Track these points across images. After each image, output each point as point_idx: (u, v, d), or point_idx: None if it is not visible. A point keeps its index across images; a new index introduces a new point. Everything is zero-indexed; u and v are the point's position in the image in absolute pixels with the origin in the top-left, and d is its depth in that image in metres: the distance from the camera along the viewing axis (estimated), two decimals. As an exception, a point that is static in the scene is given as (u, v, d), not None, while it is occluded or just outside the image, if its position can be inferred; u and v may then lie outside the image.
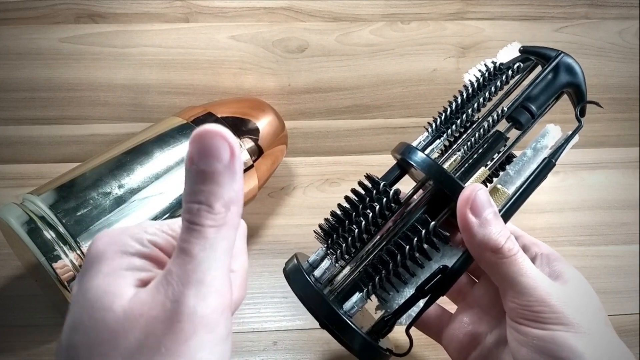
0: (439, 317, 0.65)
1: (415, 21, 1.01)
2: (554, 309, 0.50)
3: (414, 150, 0.59)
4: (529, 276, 0.51)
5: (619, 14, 1.03)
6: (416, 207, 0.59)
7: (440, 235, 0.55)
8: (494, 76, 0.64)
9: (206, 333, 0.35)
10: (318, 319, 0.56)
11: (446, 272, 0.56)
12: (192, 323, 0.34)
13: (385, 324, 0.58)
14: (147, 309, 0.34)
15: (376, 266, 0.57)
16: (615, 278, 0.89)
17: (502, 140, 0.62)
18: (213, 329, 0.35)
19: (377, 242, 0.59)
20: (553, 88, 0.62)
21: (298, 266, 0.60)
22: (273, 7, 0.97)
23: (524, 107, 0.61)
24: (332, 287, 0.60)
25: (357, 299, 0.57)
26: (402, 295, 0.58)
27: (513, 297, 0.52)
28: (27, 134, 1.03)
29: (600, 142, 1.15)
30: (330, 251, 0.61)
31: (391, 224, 0.59)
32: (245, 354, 0.76)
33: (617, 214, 1.01)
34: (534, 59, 0.66)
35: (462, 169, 0.61)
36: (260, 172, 0.87)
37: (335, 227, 0.60)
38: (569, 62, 0.63)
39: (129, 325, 0.34)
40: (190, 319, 0.34)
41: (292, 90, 1.05)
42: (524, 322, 0.51)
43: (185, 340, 0.34)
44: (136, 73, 1.00)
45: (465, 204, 0.53)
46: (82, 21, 0.95)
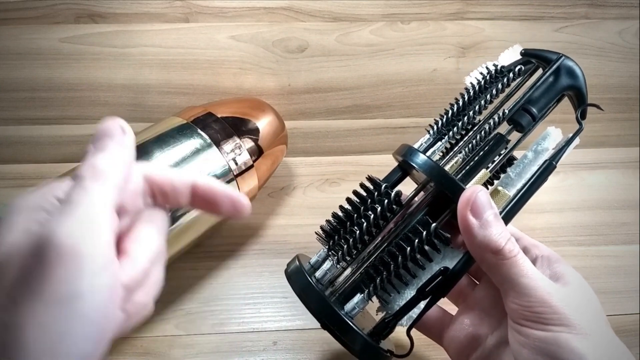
0: (439, 319, 0.65)
1: (415, 21, 1.01)
2: (555, 310, 0.50)
3: (415, 152, 0.59)
4: (530, 277, 0.52)
5: (619, 14, 1.03)
6: (417, 209, 0.59)
7: (441, 237, 0.56)
8: (495, 79, 0.64)
9: (73, 262, 0.35)
10: (319, 320, 0.56)
11: (447, 273, 0.56)
12: (57, 253, 0.35)
13: (386, 325, 0.58)
14: (23, 249, 0.36)
15: (377, 267, 0.58)
16: (615, 278, 0.89)
17: (503, 143, 0.62)
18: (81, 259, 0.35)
19: (379, 244, 0.59)
20: (554, 91, 0.62)
21: (300, 267, 0.60)
22: (273, 7, 0.97)
23: (525, 110, 0.61)
24: (333, 289, 0.60)
25: (359, 300, 0.57)
26: (403, 297, 0.59)
27: (514, 298, 0.52)
28: (27, 134, 1.03)
29: (600, 142, 1.15)
30: (331, 252, 0.61)
31: (392, 226, 0.60)
32: (245, 354, 0.76)
33: (617, 214, 1.01)
34: (535, 62, 0.67)
35: (463, 171, 0.61)
36: (260, 172, 0.87)
37: (337, 228, 0.61)
38: (569, 65, 0.63)
39: (7, 264, 0.36)
40: (56, 249, 0.35)
41: (292, 90, 1.05)
42: (526, 323, 0.51)
43: (51, 269, 0.35)
44: (136, 73, 1.00)
45: (465, 206, 0.53)
46: (82, 21, 0.95)
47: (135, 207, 0.45)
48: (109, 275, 0.37)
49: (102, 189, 0.38)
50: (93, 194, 0.38)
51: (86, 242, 0.36)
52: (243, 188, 0.83)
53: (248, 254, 0.90)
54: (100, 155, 0.40)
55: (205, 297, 0.83)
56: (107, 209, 0.38)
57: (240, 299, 0.83)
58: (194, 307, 0.81)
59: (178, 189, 0.47)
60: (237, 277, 0.86)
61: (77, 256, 0.35)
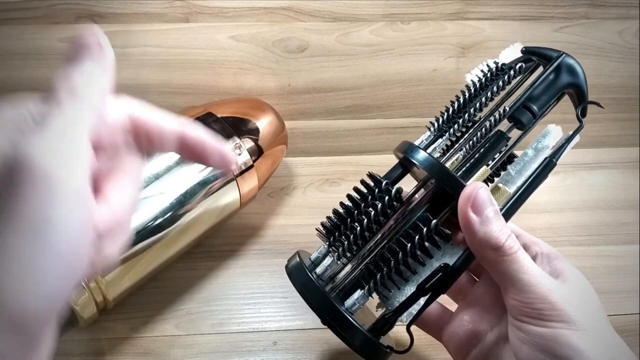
0: (439, 316, 0.65)
1: (415, 21, 1.01)
2: (555, 307, 0.50)
3: (416, 149, 0.59)
4: (530, 273, 0.52)
5: (619, 14, 1.04)
6: (418, 206, 0.60)
7: (441, 234, 0.56)
8: (496, 76, 0.64)
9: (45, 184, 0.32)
10: (320, 315, 0.56)
11: (447, 270, 0.56)
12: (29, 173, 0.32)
13: (386, 321, 0.58)
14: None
15: (378, 264, 0.58)
16: (615, 278, 0.89)
17: (503, 140, 0.63)
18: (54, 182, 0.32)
19: (379, 240, 0.60)
20: (554, 88, 0.62)
21: (300, 263, 0.60)
22: (273, 7, 0.97)
23: (525, 107, 0.62)
24: (333, 285, 0.60)
25: (359, 297, 0.57)
26: (403, 293, 0.59)
27: (514, 295, 0.52)
28: (27, 134, 1.03)
29: (600, 142, 1.15)
30: (332, 249, 0.61)
31: (393, 222, 0.60)
32: (245, 354, 0.76)
33: (617, 214, 1.01)
34: (535, 60, 0.67)
35: (464, 168, 0.61)
36: (260, 172, 0.87)
37: (338, 225, 0.61)
38: (570, 62, 0.63)
39: None
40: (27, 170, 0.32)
41: (292, 90, 1.05)
42: (526, 319, 0.51)
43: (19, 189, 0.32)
44: (136, 73, 1.00)
45: (466, 202, 0.53)
46: (82, 21, 0.95)
47: (114, 144, 0.40)
48: (82, 207, 0.34)
49: (78, 110, 0.35)
50: (69, 114, 0.34)
51: (61, 166, 0.33)
52: (243, 188, 0.83)
53: (248, 254, 0.90)
54: (77, 71, 0.36)
55: (205, 297, 0.83)
56: (84, 134, 0.35)
57: (240, 299, 0.83)
58: (194, 307, 0.81)
59: (166, 133, 0.42)
60: (237, 277, 0.86)
61: (50, 180, 0.32)
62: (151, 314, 0.80)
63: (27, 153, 0.32)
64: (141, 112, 0.41)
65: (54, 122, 0.34)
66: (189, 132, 0.43)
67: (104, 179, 0.40)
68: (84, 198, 0.34)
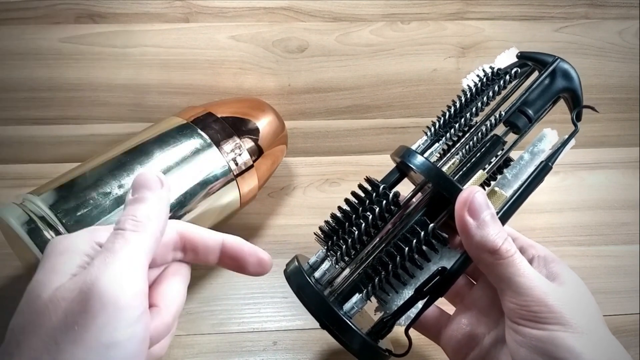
0: (437, 319, 0.65)
1: (415, 21, 1.01)
2: (552, 309, 0.50)
3: (413, 154, 0.59)
4: (526, 276, 0.52)
5: (619, 14, 1.03)
6: (415, 210, 0.60)
7: (439, 237, 0.56)
8: (491, 81, 0.64)
9: (114, 312, 0.37)
10: (318, 319, 0.57)
11: (444, 273, 0.57)
12: (101, 302, 0.37)
13: (385, 324, 0.58)
14: (68, 294, 0.38)
15: (376, 268, 0.58)
16: (615, 278, 0.89)
17: (499, 144, 0.63)
18: (121, 309, 0.38)
19: (377, 244, 0.60)
20: (550, 93, 0.62)
21: (299, 268, 0.60)
22: (273, 7, 0.97)
23: (521, 112, 0.62)
24: (332, 289, 0.60)
25: (357, 300, 0.57)
26: (401, 297, 0.59)
27: (511, 298, 0.52)
28: (27, 134, 1.03)
29: (600, 142, 1.15)
30: (330, 253, 0.61)
31: (390, 226, 0.60)
32: (245, 354, 0.76)
33: (617, 214, 1.02)
34: (531, 64, 0.67)
35: (461, 172, 0.61)
36: (260, 172, 0.87)
37: (335, 229, 0.61)
38: (565, 67, 0.63)
39: (53, 308, 0.38)
40: (99, 299, 0.37)
41: (292, 90, 1.05)
42: (523, 322, 0.51)
43: (94, 317, 0.37)
44: (136, 73, 1.00)
45: (463, 206, 0.54)
46: (82, 21, 0.95)
47: (165, 260, 0.49)
48: (142, 326, 0.40)
49: (141, 240, 0.41)
50: (133, 244, 0.40)
51: (125, 292, 0.38)
52: (243, 188, 0.83)
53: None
54: (140, 206, 0.43)
55: (205, 297, 0.83)
56: (145, 260, 0.41)
57: (240, 299, 0.83)
58: (194, 307, 0.82)
59: (210, 247, 0.50)
60: (237, 277, 0.85)
61: (117, 305, 0.37)
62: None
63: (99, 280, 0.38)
64: (189, 229, 0.50)
65: (120, 252, 0.40)
66: (228, 241, 0.51)
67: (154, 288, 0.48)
68: (144, 319, 0.40)
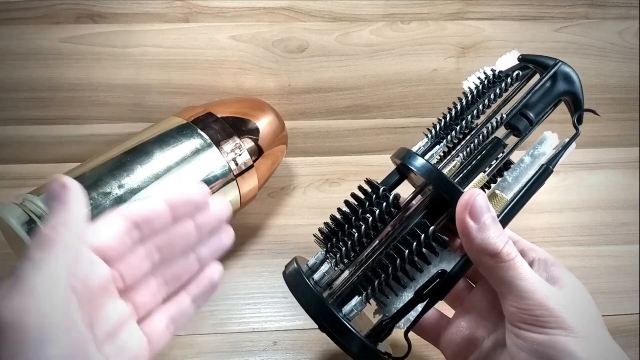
0: (436, 322, 0.65)
1: (415, 21, 1.01)
2: (553, 313, 0.50)
3: (413, 156, 0.59)
4: (527, 280, 0.52)
5: (619, 14, 1.03)
6: (415, 212, 0.60)
7: (439, 240, 0.56)
8: (492, 84, 0.64)
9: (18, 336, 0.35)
10: (317, 322, 0.57)
11: (444, 276, 0.56)
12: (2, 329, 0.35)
13: (384, 327, 0.58)
14: None
15: (375, 270, 0.58)
16: (615, 278, 0.89)
17: (500, 147, 0.63)
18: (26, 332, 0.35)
19: (377, 247, 0.60)
20: (551, 96, 0.62)
21: (297, 270, 0.60)
22: (273, 7, 0.97)
23: (522, 115, 0.62)
24: (331, 291, 0.60)
25: (356, 303, 0.57)
26: (400, 300, 0.59)
27: (512, 301, 0.52)
28: (27, 134, 1.03)
29: (600, 142, 1.15)
30: (329, 255, 0.61)
31: (390, 229, 0.60)
32: (245, 354, 0.76)
33: (617, 214, 1.02)
34: (532, 67, 0.67)
35: (461, 174, 0.61)
36: (260, 172, 0.87)
37: (335, 231, 0.61)
38: (566, 70, 0.63)
39: None
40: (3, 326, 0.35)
41: (292, 90, 1.05)
42: (523, 326, 0.51)
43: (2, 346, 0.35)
44: (136, 73, 1.00)
45: (464, 209, 0.53)
46: (82, 21, 0.95)
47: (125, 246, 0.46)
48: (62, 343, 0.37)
49: (49, 257, 0.38)
50: (39, 264, 0.38)
51: (29, 314, 0.36)
52: (243, 188, 0.83)
53: (248, 254, 0.91)
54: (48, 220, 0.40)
55: (205, 297, 0.83)
56: (57, 275, 0.38)
57: (240, 299, 0.83)
58: (194, 307, 0.82)
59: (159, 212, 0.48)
60: (237, 277, 0.86)
61: (19, 330, 0.35)
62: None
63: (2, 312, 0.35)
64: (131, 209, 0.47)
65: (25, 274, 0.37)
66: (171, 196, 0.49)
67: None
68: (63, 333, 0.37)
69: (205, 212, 0.52)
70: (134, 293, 0.48)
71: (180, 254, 0.51)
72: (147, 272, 0.49)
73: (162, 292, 0.51)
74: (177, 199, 0.49)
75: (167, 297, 0.51)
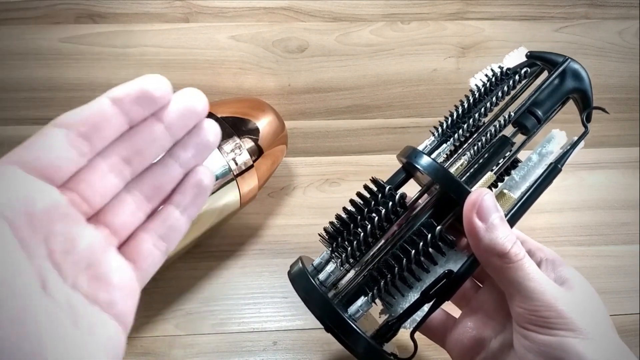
0: (443, 322, 0.65)
1: (415, 21, 1.01)
2: (561, 314, 0.50)
3: (420, 154, 0.59)
4: (536, 281, 0.51)
5: (619, 14, 1.03)
6: (422, 211, 0.59)
7: (446, 240, 0.55)
8: (500, 81, 0.64)
9: None
10: (323, 322, 0.56)
11: (451, 276, 0.56)
12: None
13: (390, 328, 0.58)
14: None
15: (381, 270, 0.58)
16: (615, 278, 0.89)
17: (508, 145, 0.62)
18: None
19: (383, 246, 0.60)
20: (559, 93, 0.62)
21: (303, 270, 0.60)
22: (273, 7, 0.97)
23: (530, 112, 0.61)
24: (336, 291, 0.60)
25: (362, 303, 0.57)
26: (406, 300, 0.58)
27: (520, 302, 0.52)
28: (27, 134, 1.01)
29: (600, 142, 1.15)
30: (335, 254, 0.61)
31: (396, 228, 0.60)
32: (245, 354, 0.76)
33: (617, 214, 1.02)
34: (540, 64, 0.66)
35: (468, 173, 0.61)
36: (260, 172, 0.87)
37: (340, 230, 0.61)
38: (575, 67, 0.63)
39: None
40: None
41: (292, 90, 1.05)
42: (531, 327, 0.51)
43: None
44: (136, 73, 0.98)
45: (471, 209, 0.53)
46: (82, 21, 0.95)
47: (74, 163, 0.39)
48: None
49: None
50: None
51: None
52: (243, 188, 0.83)
53: (248, 254, 0.90)
54: None
55: (205, 297, 0.83)
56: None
57: (240, 299, 0.83)
58: (194, 307, 0.81)
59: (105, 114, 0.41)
60: (237, 277, 0.86)
61: None
62: (151, 314, 0.80)
63: None
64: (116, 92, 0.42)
65: None
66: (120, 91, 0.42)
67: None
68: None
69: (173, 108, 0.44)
70: (108, 215, 0.42)
71: (155, 162, 0.44)
72: (118, 188, 0.42)
73: (143, 209, 0.44)
74: (124, 95, 0.42)
75: (150, 214, 0.44)
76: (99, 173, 0.40)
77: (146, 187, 0.44)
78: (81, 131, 0.39)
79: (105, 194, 0.41)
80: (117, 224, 0.42)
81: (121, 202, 0.42)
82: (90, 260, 0.39)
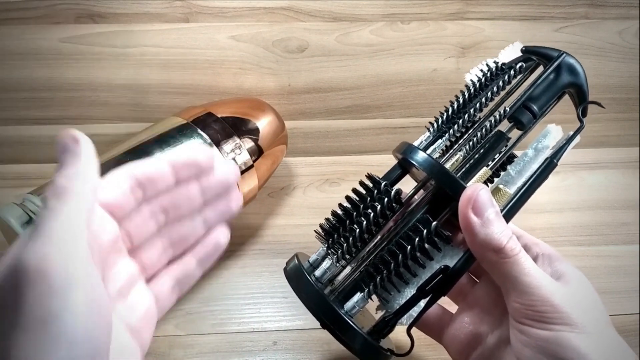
0: (439, 317, 0.65)
1: (415, 21, 1.01)
2: (558, 309, 0.50)
3: (415, 150, 0.59)
4: (532, 276, 0.51)
5: (619, 14, 1.03)
6: (417, 207, 0.59)
7: (441, 235, 0.55)
8: (496, 76, 0.63)
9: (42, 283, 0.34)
10: (319, 319, 0.56)
11: (447, 272, 0.56)
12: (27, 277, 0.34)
13: (386, 324, 0.58)
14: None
15: (377, 266, 0.57)
16: (615, 278, 0.89)
17: (503, 140, 0.62)
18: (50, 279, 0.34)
19: (378, 242, 0.59)
20: (555, 88, 0.62)
21: (299, 266, 0.60)
22: (273, 7, 0.97)
23: (525, 107, 0.61)
24: (333, 287, 0.60)
25: (358, 299, 0.57)
26: (403, 296, 0.58)
27: (516, 297, 0.52)
28: (27, 134, 1.03)
29: (600, 142, 1.15)
30: (331, 251, 0.60)
31: (392, 224, 0.59)
32: (245, 354, 0.76)
33: (617, 214, 1.02)
34: (535, 59, 0.66)
35: (464, 168, 0.61)
36: (260, 172, 0.87)
37: (336, 226, 0.60)
38: (571, 62, 0.63)
39: None
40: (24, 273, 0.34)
41: (292, 90, 1.05)
42: (528, 322, 0.51)
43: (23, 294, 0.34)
44: (136, 73, 1.00)
45: (467, 204, 0.53)
46: (82, 21, 0.95)
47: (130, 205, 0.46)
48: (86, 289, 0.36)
49: (66, 205, 0.38)
50: (57, 212, 0.37)
51: (52, 260, 0.35)
52: (243, 188, 0.83)
53: (248, 254, 0.91)
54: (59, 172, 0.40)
55: (205, 297, 0.83)
56: (75, 223, 0.38)
57: (240, 299, 0.83)
58: (194, 307, 0.81)
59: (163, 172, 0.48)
60: (237, 277, 0.86)
61: (44, 276, 0.34)
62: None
63: (22, 256, 0.35)
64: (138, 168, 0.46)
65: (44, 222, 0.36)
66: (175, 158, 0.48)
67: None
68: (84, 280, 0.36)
69: (211, 176, 0.51)
70: (141, 253, 0.48)
71: (186, 216, 0.51)
72: (153, 232, 0.49)
73: (167, 254, 0.50)
74: (180, 160, 0.48)
75: (172, 259, 0.51)
76: (142, 216, 0.47)
77: (174, 235, 0.50)
78: (140, 181, 0.46)
79: (143, 235, 0.48)
80: (146, 262, 0.48)
81: (153, 244, 0.49)
82: (127, 289, 0.45)
